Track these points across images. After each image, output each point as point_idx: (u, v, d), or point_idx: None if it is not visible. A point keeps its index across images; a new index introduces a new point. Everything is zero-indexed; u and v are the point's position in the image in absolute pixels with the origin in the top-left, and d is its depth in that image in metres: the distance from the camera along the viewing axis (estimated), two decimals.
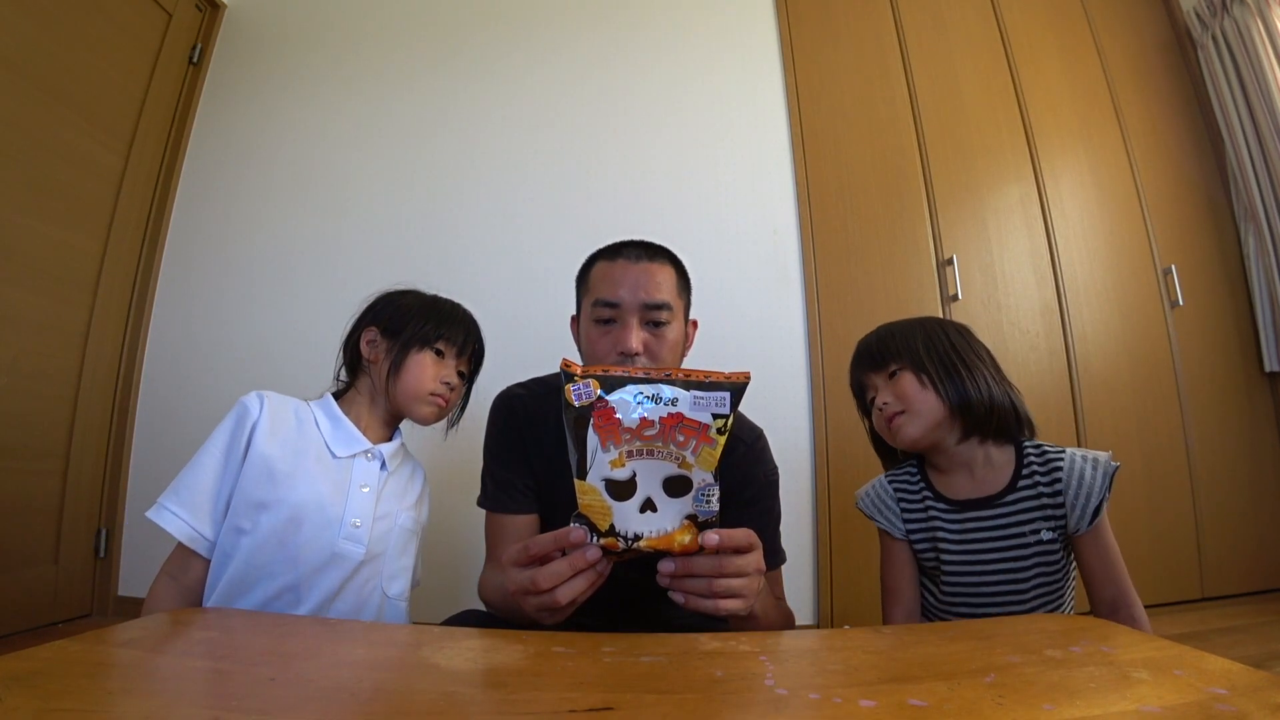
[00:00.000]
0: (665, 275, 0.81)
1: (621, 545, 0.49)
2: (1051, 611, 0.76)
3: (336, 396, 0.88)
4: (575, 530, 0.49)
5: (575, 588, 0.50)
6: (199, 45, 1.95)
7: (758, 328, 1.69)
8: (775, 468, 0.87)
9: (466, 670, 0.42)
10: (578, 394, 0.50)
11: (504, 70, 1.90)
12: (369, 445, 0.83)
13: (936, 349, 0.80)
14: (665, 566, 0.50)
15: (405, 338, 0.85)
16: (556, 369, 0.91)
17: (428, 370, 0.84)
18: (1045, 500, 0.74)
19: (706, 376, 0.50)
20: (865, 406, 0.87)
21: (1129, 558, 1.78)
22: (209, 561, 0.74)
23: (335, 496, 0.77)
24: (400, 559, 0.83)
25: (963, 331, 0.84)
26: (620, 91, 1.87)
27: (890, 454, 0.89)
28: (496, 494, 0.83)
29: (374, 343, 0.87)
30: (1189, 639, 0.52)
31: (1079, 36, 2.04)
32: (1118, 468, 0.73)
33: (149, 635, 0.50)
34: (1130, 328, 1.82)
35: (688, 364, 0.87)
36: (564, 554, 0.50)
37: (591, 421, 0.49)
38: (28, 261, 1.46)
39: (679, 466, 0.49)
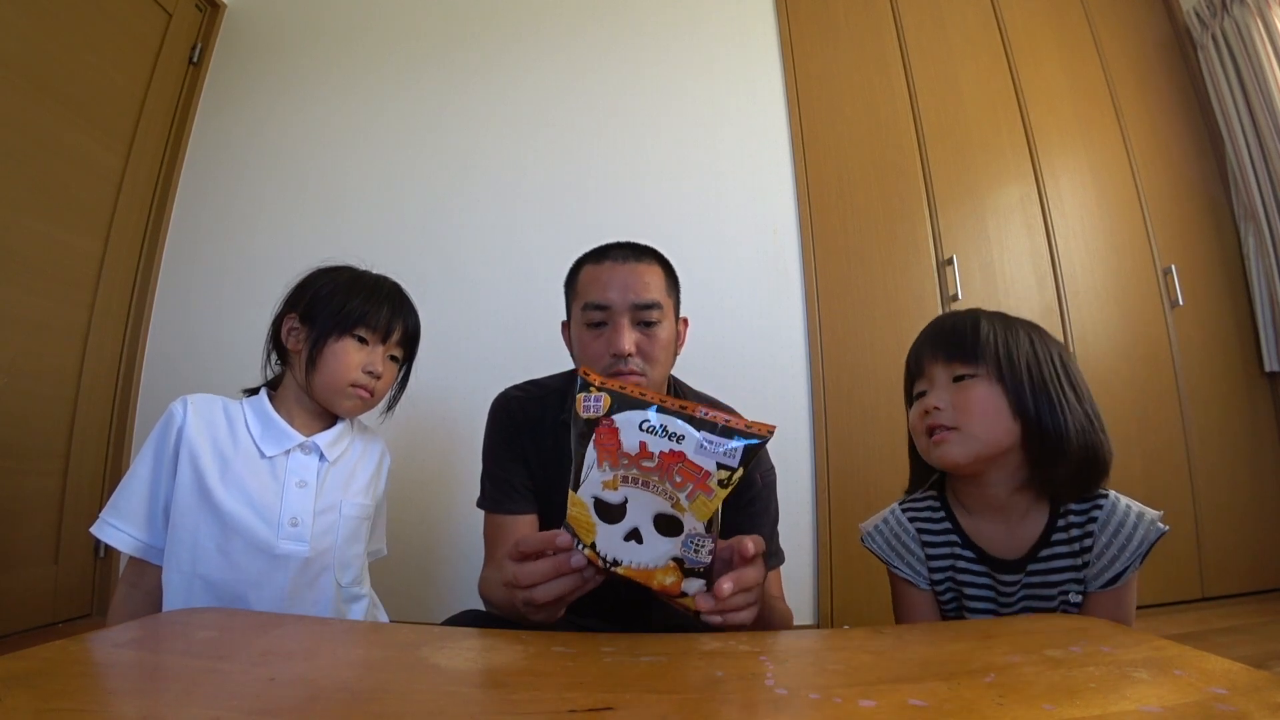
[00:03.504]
0: (653, 275, 0.81)
1: (601, 564, 0.48)
2: None
3: (273, 387, 0.85)
4: (562, 535, 0.49)
5: (554, 589, 0.49)
6: (199, 45, 1.94)
7: (758, 328, 1.69)
8: (772, 467, 0.87)
9: (466, 670, 0.42)
10: (587, 406, 0.48)
11: (503, 70, 1.90)
12: (301, 439, 0.79)
13: (1040, 369, 0.63)
14: (704, 604, 0.48)
15: (321, 325, 0.79)
16: (555, 370, 0.91)
17: (349, 359, 0.79)
18: (1080, 559, 0.62)
19: (727, 420, 0.47)
20: (911, 394, 0.72)
21: None
22: (161, 566, 0.74)
23: (269, 498, 0.75)
24: (350, 547, 0.81)
25: (1065, 353, 0.66)
26: (619, 91, 1.87)
27: (923, 464, 0.73)
28: (495, 495, 0.83)
29: (294, 330, 0.81)
30: (1189, 639, 0.52)
31: (1079, 36, 2.03)
32: (1164, 533, 0.60)
33: (149, 635, 0.50)
34: (1130, 328, 1.81)
35: (680, 361, 0.87)
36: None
37: (593, 437, 0.48)
38: (28, 261, 1.46)
39: (672, 507, 0.46)
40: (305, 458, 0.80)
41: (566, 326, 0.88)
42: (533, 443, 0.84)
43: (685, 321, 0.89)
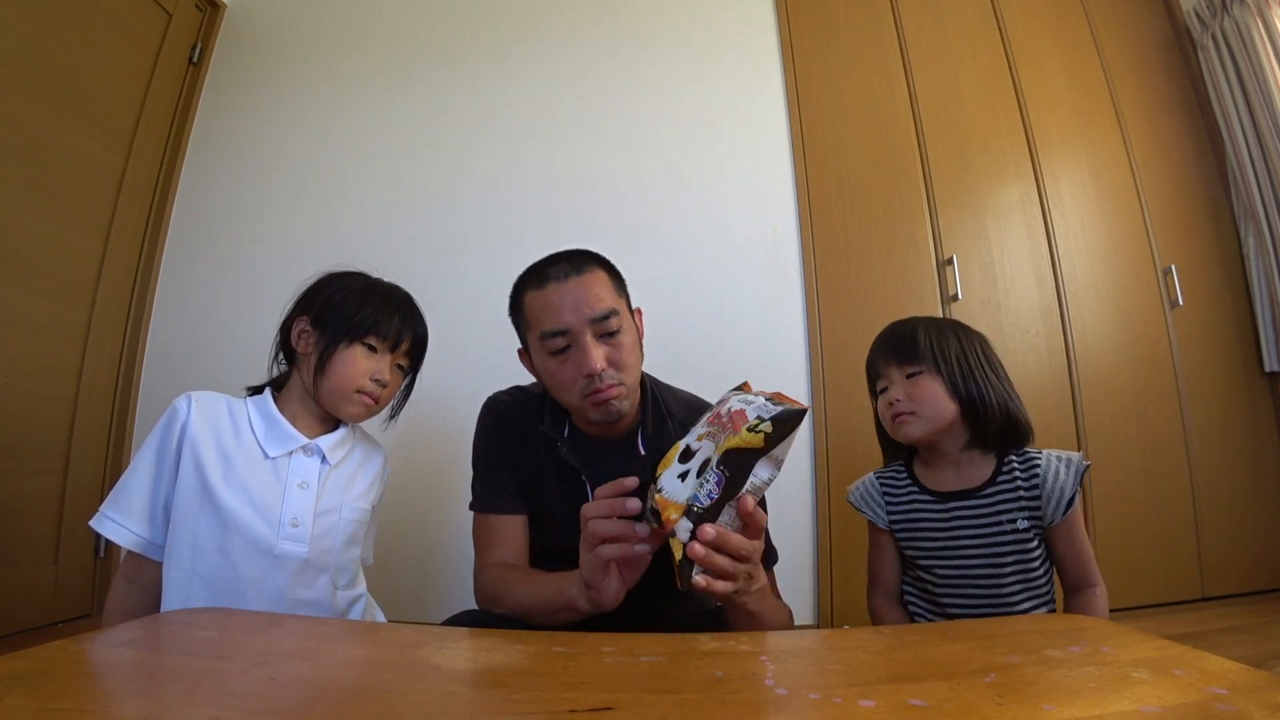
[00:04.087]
0: (599, 282, 0.79)
1: (651, 490, 0.55)
2: (1035, 605, 0.80)
3: (278, 386, 0.85)
4: (630, 479, 0.56)
5: (608, 528, 0.55)
6: (199, 45, 1.94)
7: (758, 328, 1.69)
8: None
9: (466, 670, 0.42)
10: (721, 399, 0.62)
11: (503, 70, 1.90)
12: (305, 441, 0.80)
13: (967, 359, 0.84)
14: (707, 535, 0.51)
15: (332, 331, 0.80)
16: None
17: (358, 366, 0.80)
18: (1022, 494, 0.81)
19: (782, 395, 0.57)
20: (875, 389, 0.91)
21: (1129, 558, 1.78)
22: (160, 562, 0.74)
23: (270, 498, 0.76)
24: (348, 550, 0.82)
25: (986, 343, 0.89)
26: (620, 92, 1.87)
27: (891, 443, 0.93)
28: (486, 495, 0.84)
29: (304, 334, 0.83)
30: (1189, 639, 0.52)
31: (1079, 36, 2.03)
32: (1088, 466, 0.82)
33: (149, 635, 0.50)
34: (1130, 328, 1.81)
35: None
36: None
37: (714, 409, 0.60)
38: (28, 261, 1.46)
39: (715, 449, 0.54)
40: (307, 459, 0.80)
41: (523, 354, 0.86)
42: (519, 445, 0.85)
43: (639, 311, 0.87)
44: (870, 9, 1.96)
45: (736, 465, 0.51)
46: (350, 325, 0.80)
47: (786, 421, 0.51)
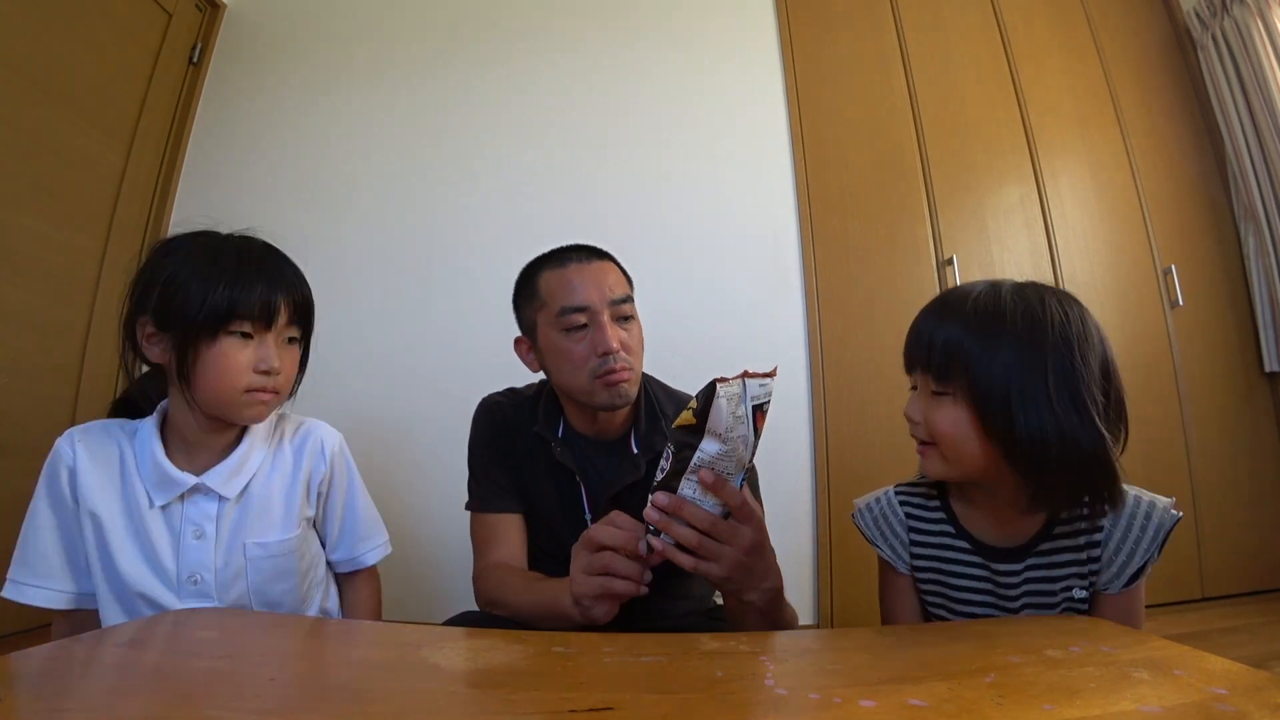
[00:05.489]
0: (616, 271, 0.82)
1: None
2: None
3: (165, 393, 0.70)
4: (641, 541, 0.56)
5: (619, 565, 0.55)
6: (199, 45, 1.94)
7: (758, 329, 1.69)
8: (753, 467, 0.87)
9: (466, 670, 0.42)
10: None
11: (504, 71, 1.90)
12: (190, 481, 0.66)
13: (1023, 381, 0.55)
14: (659, 499, 0.54)
15: (182, 331, 0.62)
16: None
17: (232, 364, 0.63)
18: (1085, 553, 0.59)
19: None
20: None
21: None
22: (96, 610, 0.66)
23: (165, 553, 0.65)
24: (274, 586, 0.69)
25: (1083, 342, 0.60)
26: (620, 93, 1.87)
27: None
28: (483, 494, 0.85)
29: (152, 338, 0.65)
30: (1189, 639, 0.51)
31: (1079, 36, 2.03)
32: (1178, 519, 0.57)
33: (149, 635, 0.50)
34: (1130, 328, 1.81)
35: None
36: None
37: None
38: (28, 261, 1.46)
39: None
40: (204, 500, 0.67)
41: (521, 342, 0.86)
42: (513, 447, 0.86)
43: None
44: (870, 9, 1.96)
45: (679, 441, 0.54)
46: (203, 317, 0.61)
47: (704, 395, 0.52)
